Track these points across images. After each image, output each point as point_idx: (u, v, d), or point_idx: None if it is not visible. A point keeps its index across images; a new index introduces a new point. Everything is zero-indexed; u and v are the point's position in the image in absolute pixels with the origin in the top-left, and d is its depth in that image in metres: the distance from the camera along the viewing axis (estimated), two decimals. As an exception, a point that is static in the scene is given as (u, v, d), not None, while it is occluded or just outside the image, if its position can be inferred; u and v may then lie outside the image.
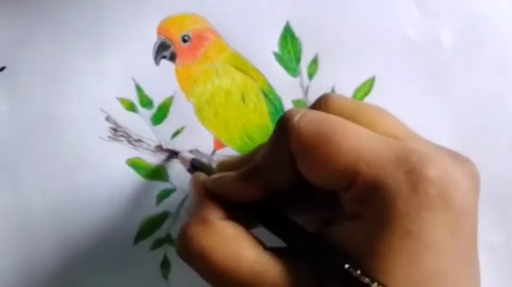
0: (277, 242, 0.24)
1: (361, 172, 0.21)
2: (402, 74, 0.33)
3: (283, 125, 0.22)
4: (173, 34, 0.34)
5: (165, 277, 0.33)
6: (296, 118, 0.22)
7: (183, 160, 0.32)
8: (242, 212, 0.25)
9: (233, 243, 0.23)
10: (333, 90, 0.33)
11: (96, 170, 0.33)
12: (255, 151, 0.27)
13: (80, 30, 0.34)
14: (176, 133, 0.33)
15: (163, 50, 0.34)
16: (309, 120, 0.22)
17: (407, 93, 0.33)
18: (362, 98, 0.33)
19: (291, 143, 0.22)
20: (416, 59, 0.33)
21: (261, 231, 0.25)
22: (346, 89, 0.33)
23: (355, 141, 0.21)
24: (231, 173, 0.25)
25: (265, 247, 0.24)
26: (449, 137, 0.33)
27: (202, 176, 0.27)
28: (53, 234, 0.33)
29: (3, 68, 0.34)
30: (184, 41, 0.34)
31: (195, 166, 0.30)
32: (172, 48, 0.34)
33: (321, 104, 0.24)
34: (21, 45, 0.34)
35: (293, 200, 0.25)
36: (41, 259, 0.33)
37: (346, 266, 0.20)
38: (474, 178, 0.22)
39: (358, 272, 0.20)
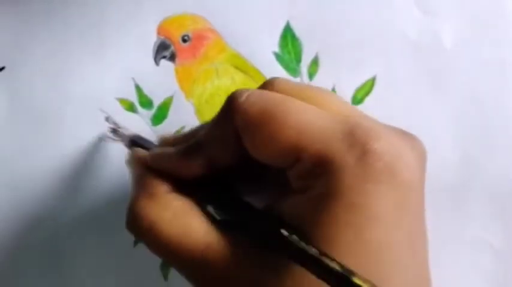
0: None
1: (306, 147, 0.21)
2: (403, 73, 0.33)
3: (229, 103, 0.23)
4: (173, 34, 0.34)
5: (165, 277, 0.33)
6: (243, 97, 0.22)
7: (122, 136, 0.31)
8: (187, 188, 0.25)
9: (182, 215, 0.23)
10: (333, 90, 0.33)
11: (96, 171, 0.33)
12: (198, 129, 0.28)
13: (80, 30, 0.34)
14: (176, 133, 0.33)
15: (163, 50, 0.34)
16: (254, 99, 0.22)
17: (408, 93, 0.33)
18: (363, 98, 0.33)
19: (237, 121, 0.22)
20: (416, 59, 0.33)
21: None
22: (346, 89, 0.33)
23: (300, 118, 0.21)
24: (171, 148, 0.25)
25: (215, 220, 0.24)
26: (449, 137, 0.33)
27: (141, 151, 0.27)
28: (52, 235, 0.33)
29: (2, 68, 0.34)
30: (184, 41, 0.34)
31: (135, 142, 0.30)
32: (172, 48, 0.34)
33: (268, 85, 0.24)
34: (20, 45, 0.34)
35: (241, 178, 0.25)
36: (41, 259, 0.33)
37: (283, 231, 0.20)
38: (421, 155, 0.23)
39: (294, 236, 0.20)
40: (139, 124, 0.34)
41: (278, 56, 0.33)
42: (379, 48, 0.33)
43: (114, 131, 0.32)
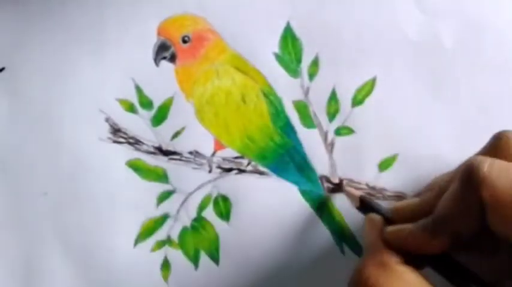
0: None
1: None
2: (403, 74, 0.33)
3: (471, 174, 0.22)
4: (173, 35, 0.34)
5: (165, 278, 0.33)
6: (486, 168, 0.22)
7: (351, 196, 0.31)
8: (417, 260, 0.25)
9: None
10: (333, 91, 0.33)
11: (96, 172, 0.33)
12: (433, 199, 0.26)
13: (80, 31, 0.34)
14: (176, 134, 0.33)
15: (163, 51, 0.34)
16: (499, 172, 0.22)
17: (409, 94, 0.33)
18: (363, 98, 0.33)
19: (484, 195, 0.21)
20: (417, 59, 0.33)
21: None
22: (347, 89, 0.33)
23: None
24: (410, 226, 0.25)
25: None
26: (449, 137, 0.33)
27: (377, 219, 0.27)
28: (52, 235, 0.33)
29: (3, 68, 0.34)
30: (185, 41, 0.33)
31: (364, 204, 0.30)
32: (172, 49, 0.34)
33: (501, 145, 0.24)
34: (20, 45, 0.34)
35: (473, 250, 0.25)
36: (41, 259, 0.33)
37: None
38: None
39: None
40: (139, 125, 0.33)
41: (278, 57, 0.33)
42: (379, 49, 0.33)
43: (114, 132, 0.32)
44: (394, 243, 0.25)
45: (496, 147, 0.24)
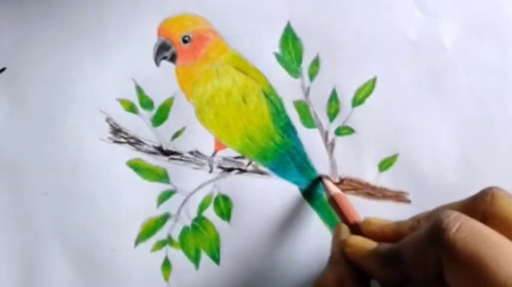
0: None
1: None
2: (403, 74, 0.33)
3: (438, 233, 0.22)
4: (173, 35, 0.34)
5: (166, 278, 0.33)
6: (453, 230, 0.21)
7: (326, 191, 0.32)
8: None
9: None
10: (334, 91, 0.33)
11: (97, 172, 0.33)
12: (406, 228, 0.26)
13: (81, 31, 0.34)
14: (177, 134, 0.33)
15: (163, 51, 0.34)
16: (465, 236, 0.21)
17: (409, 94, 0.33)
18: (364, 98, 0.33)
19: (443, 254, 0.21)
20: (417, 59, 0.33)
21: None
22: (347, 89, 0.33)
23: None
24: (369, 246, 0.25)
25: None
26: (449, 137, 0.33)
27: (345, 229, 0.28)
28: (53, 235, 0.33)
29: (3, 69, 0.34)
30: (185, 41, 0.33)
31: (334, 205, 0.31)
32: (172, 49, 0.34)
33: (485, 200, 0.23)
34: (21, 46, 0.34)
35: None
36: (41, 259, 0.33)
37: None
38: None
39: None
40: (139, 125, 0.33)
41: (279, 57, 0.33)
42: (379, 49, 0.33)
43: (115, 132, 0.32)
44: (351, 256, 0.26)
45: (481, 202, 0.23)
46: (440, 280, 0.22)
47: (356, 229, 0.28)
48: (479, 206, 0.23)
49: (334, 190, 0.32)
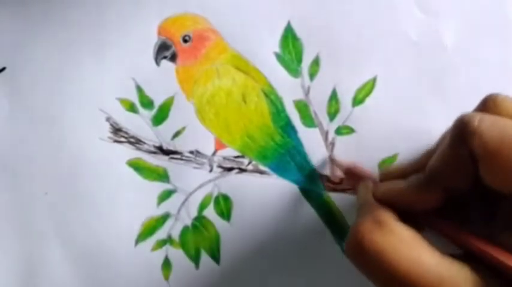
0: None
1: None
2: (404, 74, 0.33)
3: (461, 127, 0.22)
4: (174, 34, 0.34)
5: (166, 278, 0.33)
6: (476, 122, 0.22)
7: (339, 166, 0.32)
8: (411, 219, 0.24)
9: (411, 245, 0.22)
10: (334, 91, 0.33)
11: (97, 171, 0.33)
12: (423, 159, 0.26)
13: (81, 31, 0.34)
14: (177, 134, 0.33)
15: (163, 50, 0.34)
16: (489, 124, 0.22)
17: (409, 93, 0.33)
18: (364, 98, 0.33)
19: (474, 146, 0.22)
20: (417, 59, 0.33)
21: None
22: (347, 89, 0.33)
23: None
24: (401, 182, 0.25)
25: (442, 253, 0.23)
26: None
27: (369, 183, 0.28)
28: (53, 235, 0.33)
29: (3, 68, 0.34)
30: (185, 41, 0.33)
31: (352, 174, 0.30)
32: (173, 48, 0.34)
33: (489, 106, 0.24)
34: (21, 45, 0.34)
35: (463, 207, 0.24)
36: (41, 259, 0.33)
37: None
38: None
39: None
40: (140, 124, 0.33)
41: (279, 57, 0.33)
42: (379, 49, 0.33)
43: (115, 131, 0.32)
44: (386, 201, 0.25)
45: (484, 109, 0.24)
46: (479, 190, 0.22)
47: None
48: (485, 113, 0.23)
49: (347, 162, 0.31)
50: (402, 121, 0.33)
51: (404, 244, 0.22)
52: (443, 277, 0.21)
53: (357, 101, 0.33)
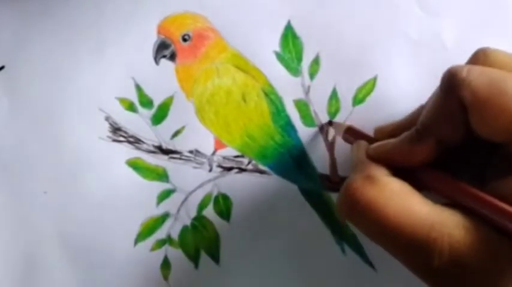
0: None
1: None
2: (404, 73, 0.33)
3: (451, 79, 0.22)
4: (173, 33, 0.33)
5: (165, 278, 0.33)
6: (465, 72, 0.22)
7: (338, 127, 0.32)
8: (403, 174, 0.24)
9: (402, 197, 0.22)
10: (334, 90, 0.33)
11: (96, 171, 0.33)
12: (414, 114, 0.27)
13: (80, 29, 0.34)
14: (176, 133, 0.33)
15: (163, 49, 0.33)
16: (478, 73, 0.22)
17: (409, 93, 0.33)
18: (364, 97, 0.33)
19: (464, 95, 0.22)
20: (418, 59, 0.33)
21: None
22: (348, 88, 0.33)
23: None
24: (393, 139, 0.25)
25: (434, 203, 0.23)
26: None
27: (363, 142, 0.28)
28: (53, 234, 0.33)
29: (2, 67, 0.34)
30: (185, 40, 0.33)
31: (352, 133, 0.30)
32: (172, 47, 0.33)
33: (479, 58, 0.24)
34: (20, 44, 0.34)
35: (460, 158, 0.25)
36: (41, 258, 0.33)
37: None
38: None
39: None
40: (139, 124, 0.33)
41: (279, 56, 0.33)
42: (380, 48, 0.33)
43: (114, 130, 0.32)
44: (379, 157, 0.25)
45: (475, 62, 0.24)
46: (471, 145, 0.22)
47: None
48: (476, 64, 0.24)
49: (346, 124, 0.32)
50: (403, 120, 0.33)
51: (395, 195, 0.22)
52: (434, 222, 0.21)
53: (358, 100, 0.33)
